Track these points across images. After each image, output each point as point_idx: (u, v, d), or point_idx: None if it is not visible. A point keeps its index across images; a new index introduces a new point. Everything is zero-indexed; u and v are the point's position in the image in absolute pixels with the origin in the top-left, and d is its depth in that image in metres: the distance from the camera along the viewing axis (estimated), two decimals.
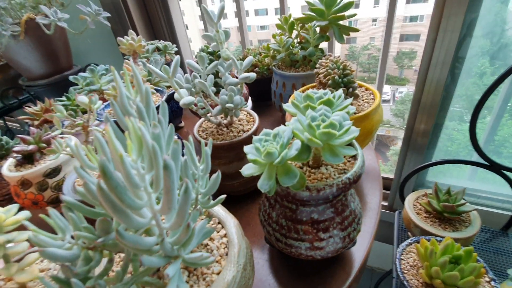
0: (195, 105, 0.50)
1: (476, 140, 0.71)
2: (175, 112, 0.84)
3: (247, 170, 0.33)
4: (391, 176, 1.14)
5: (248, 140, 0.53)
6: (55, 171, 0.50)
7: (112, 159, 0.19)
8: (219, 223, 0.35)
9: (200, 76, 0.51)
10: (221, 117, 0.55)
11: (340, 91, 0.38)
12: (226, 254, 0.32)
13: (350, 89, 0.48)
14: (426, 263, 0.60)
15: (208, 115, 0.51)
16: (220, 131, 0.53)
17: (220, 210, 0.35)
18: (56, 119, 0.40)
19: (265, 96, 0.89)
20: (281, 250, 0.40)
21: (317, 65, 0.57)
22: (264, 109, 0.90)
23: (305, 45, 0.69)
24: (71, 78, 0.76)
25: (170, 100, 0.80)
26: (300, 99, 0.38)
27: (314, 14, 0.66)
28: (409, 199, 0.81)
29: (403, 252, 0.67)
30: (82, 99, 0.39)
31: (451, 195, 0.73)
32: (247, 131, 0.53)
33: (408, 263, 0.65)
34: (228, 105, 0.47)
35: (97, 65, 0.79)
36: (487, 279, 0.59)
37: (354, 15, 0.66)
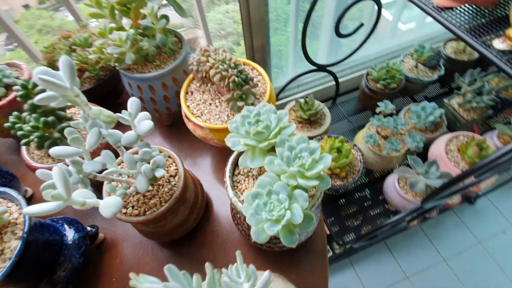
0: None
1: (307, 53, 0.88)
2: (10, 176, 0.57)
3: (261, 236, 0.32)
4: None
5: (186, 184, 0.46)
6: None
7: None
8: None
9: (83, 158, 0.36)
10: None
11: (271, 107, 0.38)
12: None
13: (250, 82, 0.47)
14: None
15: (130, 190, 0.40)
16: (147, 193, 0.43)
17: None
18: None
19: (111, 96, 0.72)
20: (286, 250, 0.46)
21: (193, 62, 0.50)
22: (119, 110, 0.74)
23: (148, 32, 0.55)
24: None
25: None
26: (251, 136, 0.36)
27: None
28: None
29: None
30: None
31: (308, 103, 0.94)
32: (175, 174, 0.46)
33: None
34: (158, 173, 0.38)
35: None
36: (352, 148, 0.88)
37: None
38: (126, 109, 0.39)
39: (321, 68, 0.95)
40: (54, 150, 0.33)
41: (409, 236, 1.50)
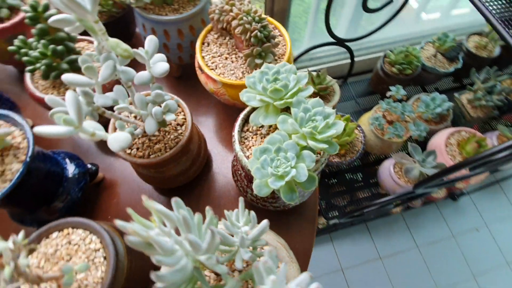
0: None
1: (329, 24, 0.84)
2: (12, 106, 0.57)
3: (262, 190, 0.33)
4: None
5: (192, 135, 0.46)
6: None
7: None
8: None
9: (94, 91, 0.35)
10: None
11: (292, 68, 0.37)
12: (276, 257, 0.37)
13: (272, 40, 0.46)
14: None
15: (137, 131, 0.40)
16: (153, 137, 0.43)
17: None
18: None
19: (122, 36, 0.69)
20: (281, 210, 0.48)
21: (215, 10, 0.48)
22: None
23: None
24: None
25: None
26: (267, 93, 0.35)
27: None
28: None
29: None
30: None
31: (320, 77, 0.92)
32: (182, 123, 0.45)
33: None
34: (169, 117, 0.38)
35: None
36: (355, 126, 0.88)
37: None
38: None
39: (340, 42, 0.92)
40: (67, 76, 0.32)
41: (390, 221, 1.57)
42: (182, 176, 0.51)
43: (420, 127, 0.81)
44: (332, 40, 0.92)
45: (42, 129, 0.27)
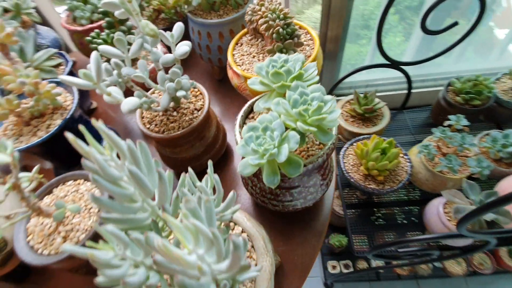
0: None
1: (382, 46, 0.81)
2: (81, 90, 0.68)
3: (246, 169, 0.32)
4: None
5: (207, 119, 0.49)
6: None
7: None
8: (230, 222, 0.36)
9: (124, 63, 0.41)
10: None
11: (300, 56, 0.37)
12: (252, 247, 0.34)
13: (295, 39, 0.46)
14: (364, 161, 0.76)
15: (154, 106, 0.44)
16: (170, 117, 0.47)
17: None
18: None
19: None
20: (280, 211, 0.45)
21: (248, 11, 0.51)
22: (185, 59, 0.81)
23: None
24: None
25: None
26: (268, 76, 0.36)
27: None
28: None
29: (344, 156, 0.82)
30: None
31: (368, 98, 0.87)
32: (200, 108, 0.48)
33: (349, 163, 0.81)
34: (179, 93, 0.41)
35: None
36: (401, 154, 0.79)
37: None
38: (188, 58, 0.42)
39: (394, 64, 0.86)
40: (103, 47, 0.38)
41: (449, 284, 1.29)
42: (195, 161, 0.53)
43: (483, 164, 0.68)
44: (385, 62, 0.87)
45: (66, 78, 0.33)
